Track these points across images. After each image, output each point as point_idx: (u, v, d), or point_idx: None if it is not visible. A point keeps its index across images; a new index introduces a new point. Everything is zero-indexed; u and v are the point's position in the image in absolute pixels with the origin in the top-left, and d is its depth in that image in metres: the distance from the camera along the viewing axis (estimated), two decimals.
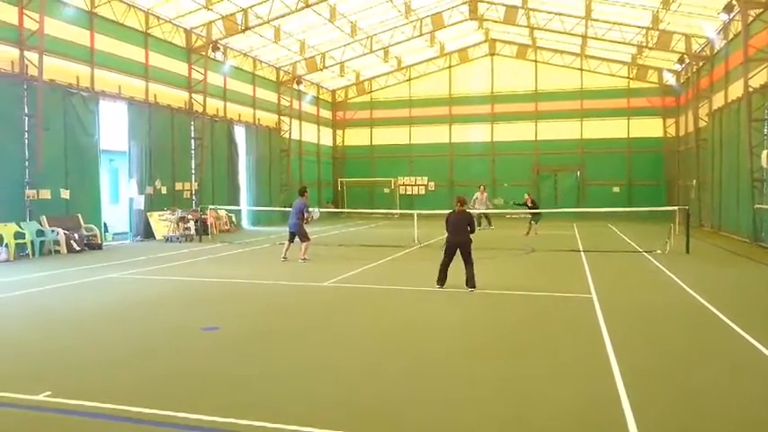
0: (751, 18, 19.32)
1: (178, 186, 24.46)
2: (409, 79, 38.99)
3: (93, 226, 19.09)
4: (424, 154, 38.49)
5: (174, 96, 24.52)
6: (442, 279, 11.20)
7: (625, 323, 8.47)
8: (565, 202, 34.79)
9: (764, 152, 17.59)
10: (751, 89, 18.96)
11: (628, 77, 35.06)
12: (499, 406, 5.32)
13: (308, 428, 4.72)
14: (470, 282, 10.96)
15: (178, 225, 21.50)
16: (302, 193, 16.08)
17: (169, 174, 23.90)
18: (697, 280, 11.96)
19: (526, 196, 24.68)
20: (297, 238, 15.49)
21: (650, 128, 34.95)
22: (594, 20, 27.20)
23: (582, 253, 17.09)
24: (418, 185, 38.80)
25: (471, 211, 26.81)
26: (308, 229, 16.06)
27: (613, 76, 35.09)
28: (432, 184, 38.41)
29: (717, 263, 15.27)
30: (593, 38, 29.85)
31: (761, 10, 19.09)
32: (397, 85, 39.27)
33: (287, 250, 15.63)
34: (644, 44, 28.63)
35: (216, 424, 4.84)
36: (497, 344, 7.53)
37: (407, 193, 38.81)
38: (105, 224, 21.00)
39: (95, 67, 20.33)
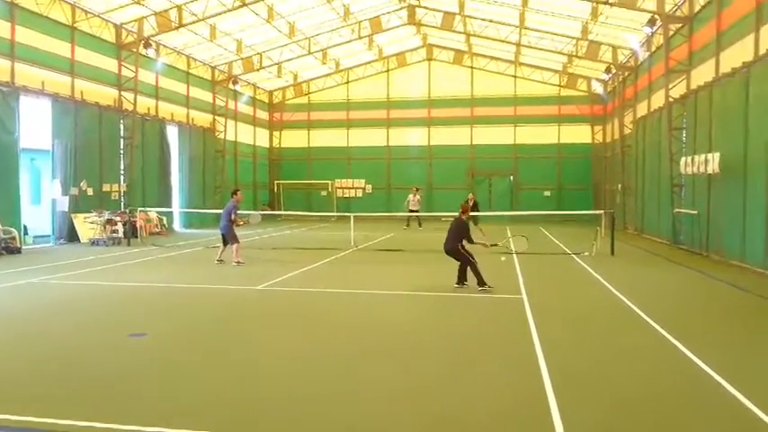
0: (672, 32, 20.40)
1: (106, 187, 23.49)
2: (347, 82, 38.98)
3: (11, 228, 18.04)
4: (362, 157, 38.56)
5: (102, 94, 23.56)
6: (460, 279, 11.58)
7: (553, 323, 8.73)
8: (499, 206, 35.61)
9: (683, 159, 18.57)
10: (671, 99, 20.00)
11: (559, 85, 36.29)
12: (430, 404, 5.36)
13: None
14: (461, 279, 11.50)
15: (105, 228, 20.66)
16: (233, 194, 15.96)
17: (96, 174, 22.91)
18: (621, 280, 12.49)
19: (470, 196, 25.02)
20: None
21: (579, 134, 36.29)
22: (528, 28, 28.02)
23: (514, 255, 17.51)
24: (356, 188, 38.82)
25: (408, 213, 27.64)
26: (243, 231, 15.81)
27: (545, 83, 36.24)
28: (369, 186, 38.50)
29: (639, 264, 16.00)
30: (526, 46, 30.75)
31: (681, 25, 20.19)
32: (336, 87, 39.19)
33: (222, 253, 15.43)
34: (574, 53, 29.73)
35: None
36: (430, 344, 7.60)
37: (345, 195, 38.75)
38: (25, 226, 19.90)
39: (16, 60, 19.27)
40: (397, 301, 10.50)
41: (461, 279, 11.56)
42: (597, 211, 24.22)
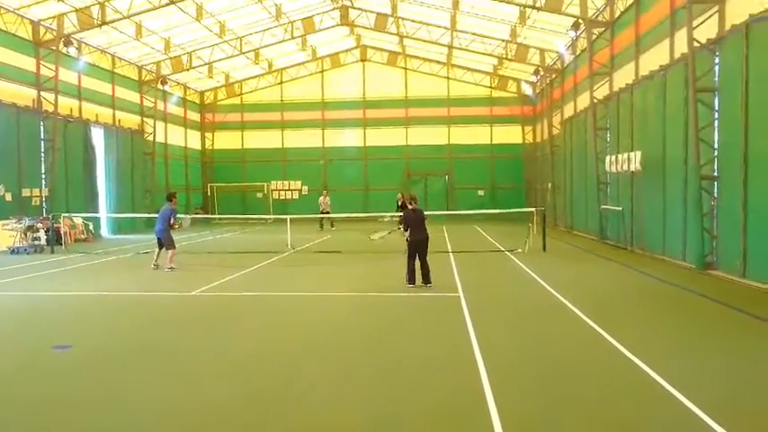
0: (595, 36, 21.27)
1: (26, 192, 22.24)
2: (281, 82, 38.52)
3: None
4: (298, 158, 38.21)
5: (19, 94, 22.31)
6: (414, 277, 11.47)
7: (489, 318, 8.92)
8: (434, 205, 36.04)
9: (608, 158, 19.40)
10: (595, 101, 20.85)
11: (490, 87, 37.14)
12: (368, 403, 5.37)
13: None
14: (429, 277, 11.50)
15: (26, 235, 19.58)
16: (170, 198, 15.57)
17: (15, 178, 21.67)
18: (552, 275, 12.91)
19: (399, 195, 25.20)
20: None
21: (510, 134, 37.25)
22: (459, 31, 28.55)
23: (450, 254, 17.80)
24: (292, 190, 38.42)
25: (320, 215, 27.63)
26: (176, 236, 15.38)
27: (477, 85, 37.01)
28: (305, 188, 38.21)
29: (569, 259, 16.59)
30: (458, 48, 31.32)
31: (603, 29, 21.08)
32: (269, 88, 38.66)
33: (157, 257, 15.03)
34: (504, 56, 30.52)
35: None
36: (367, 343, 7.62)
37: (281, 197, 38.30)
38: None
39: None
40: (334, 303, 10.46)
41: (414, 277, 11.58)
42: (529, 209, 24.91)
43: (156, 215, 15.88)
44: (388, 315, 9.47)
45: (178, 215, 15.77)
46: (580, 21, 21.52)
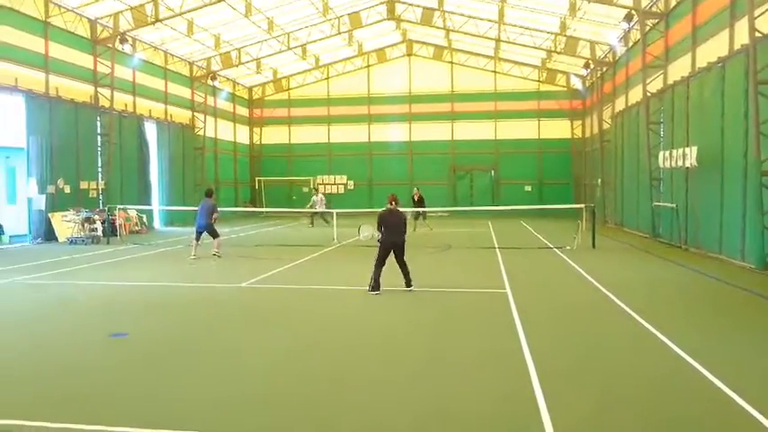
0: (648, 27, 20.62)
1: (83, 185, 23.12)
2: (327, 78, 38.81)
3: None
4: (343, 153, 38.46)
5: (78, 90, 23.17)
6: (378, 284, 10.46)
7: (538, 316, 8.79)
8: (480, 201, 35.82)
9: (661, 153, 18.81)
10: (649, 94, 20.23)
11: (538, 80, 36.52)
12: (418, 400, 5.36)
13: None
14: (410, 280, 10.77)
15: (83, 226, 20.33)
16: (209, 194, 16.62)
17: (73, 172, 22.54)
18: (602, 273, 12.62)
19: (415, 190, 25.25)
20: (205, 235, 16.00)
21: (559, 129, 36.58)
22: (507, 24, 28.14)
23: (497, 250, 17.62)
24: (337, 184, 38.71)
25: (309, 210, 27.48)
26: (225, 228, 16.03)
27: (525, 78, 36.45)
28: (351, 183, 38.43)
29: (619, 257, 16.18)
30: (505, 41, 30.88)
31: (657, 20, 20.42)
32: (316, 83, 39.00)
33: (196, 249, 15.87)
34: (553, 49, 29.93)
35: None
36: (416, 340, 7.60)
37: (326, 192, 38.59)
38: (1, 226, 19.52)
39: None
40: (380, 297, 10.48)
41: (378, 284, 10.56)
42: (578, 206, 24.42)
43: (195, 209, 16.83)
44: (433, 311, 9.43)
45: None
46: (633, 12, 20.92)
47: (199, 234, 15.88)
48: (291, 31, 30.61)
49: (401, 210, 11.29)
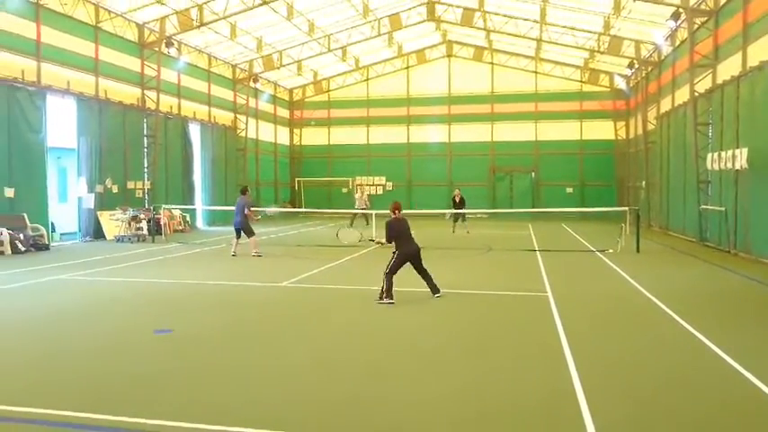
0: (696, 26, 20.05)
1: (130, 185, 23.80)
2: (367, 79, 38.98)
3: (39, 226, 18.36)
4: (382, 154, 38.56)
5: (126, 93, 23.86)
6: (391, 294, 9.83)
7: (580, 319, 8.64)
8: (520, 203, 35.42)
9: (710, 155, 18.26)
10: (696, 94, 19.66)
11: (580, 81, 35.91)
12: (460, 402, 5.34)
13: (262, 431, 4.65)
14: (434, 286, 10.41)
15: (130, 225, 20.92)
16: (243, 191, 17.08)
17: (121, 172, 23.24)
18: (647, 277, 12.32)
19: (456, 192, 24.91)
20: (244, 235, 16.26)
21: (602, 130, 35.90)
22: (549, 24, 27.76)
23: (537, 252, 17.39)
24: (376, 185, 38.83)
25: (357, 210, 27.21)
26: (266, 228, 16.20)
27: (567, 79, 35.89)
28: (389, 183, 38.49)
29: (665, 261, 15.77)
30: (547, 41, 30.47)
31: (706, 18, 19.84)
32: (355, 84, 39.22)
33: (235, 246, 16.32)
34: (596, 49, 29.39)
35: (167, 429, 4.71)
36: (457, 343, 7.56)
37: (365, 192, 38.77)
38: (53, 224, 20.24)
39: (42, 60, 19.59)
40: (421, 299, 10.47)
41: (391, 293, 9.90)
42: (621, 208, 23.88)
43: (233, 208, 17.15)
44: (474, 313, 9.38)
45: (262, 208, 16.98)
46: (681, 10, 20.37)
47: (237, 231, 16.28)
48: (332, 33, 30.87)
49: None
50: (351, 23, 30.05)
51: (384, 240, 10.56)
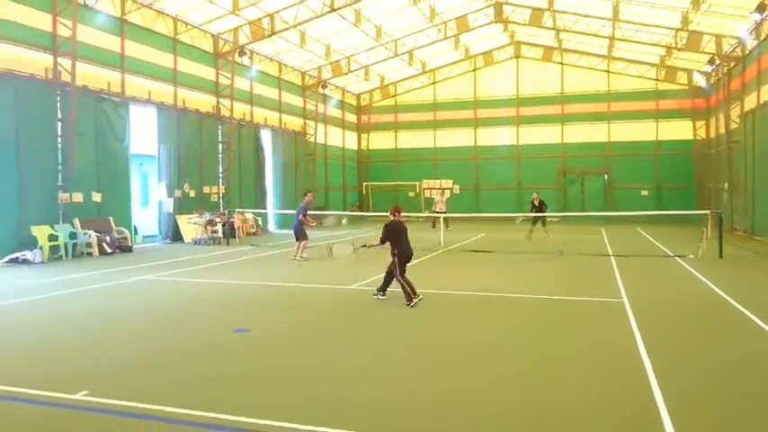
0: None
1: (206, 190, 24.76)
2: (434, 82, 38.93)
3: (123, 229, 19.40)
4: (449, 157, 38.38)
5: (201, 101, 24.85)
6: (414, 291, 10.06)
7: (659, 328, 8.31)
8: (592, 206, 34.39)
9: None
10: None
11: (656, 79, 34.54)
12: (538, 409, 5.25)
13: (339, 431, 4.73)
14: (384, 290, 10.51)
15: (206, 228, 21.75)
16: (305, 195, 17.49)
17: (197, 177, 24.21)
18: (732, 285, 11.70)
19: (534, 195, 23.94)
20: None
21: (679, 130, 34.38)
22: (622, 21, 26.87)
23: (611, 257, 16.85)
24: (443, 189, 38.64)
25: (432, 214, 26.62)
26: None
27: (641, 77, 34.59)
28: (457, 187, 38.25)
29: (752, 267, 14.94)
30: (620, 39, 29.49)
31: None
32: (422, 88, 39.24)
33: (303, 250, 16.69)
34: (673, 45, 28.20)
35: (248, 425, 4.87)
36: (532, 348, 7.43)
37: (433, 196, 38.66)
38: (135, 227, 21.33)
39: (126, 72, 20.70)
40: (493, 303, 10.37)
41: (413, 292, 10.09)
42: (702, 211, 22.74)
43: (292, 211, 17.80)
44: (547, 318, 9.19)
45: (321, 212, 17.22)
46: (766, 2, 19.26)
47: (295, 234, 16.78)
48: (399, 37, 31.03)
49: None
50: (417, 27, 30.10)
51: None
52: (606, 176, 35.71)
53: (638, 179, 34.78)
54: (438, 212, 26.71)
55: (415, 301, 9.92)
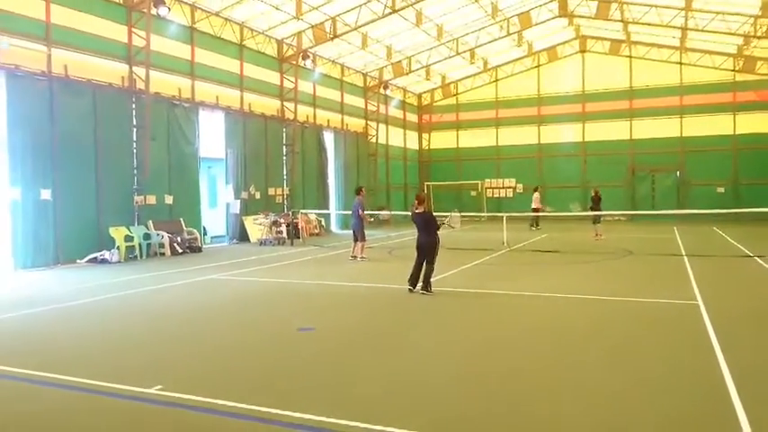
0: None
1: (271, 191, 25.36)
2: (496, 80, 38.41)
3: (193, 230, 20.14)
4: (512, 156, 37.78)
5: (266, 105, 25.46)
6: (414, 279, 11.05)
7: (738, 333, 7.90)
8: (663, 204, 33.07)
9: None
10: None
11: (733, 70, 32.83)
12: (610, 415, 5.10)
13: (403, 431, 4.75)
14: (426, 284, 10.93)
15: (271, 229, 22.27)
16: (358, 192, 17.28)
17: (262, 179, 24.82)
18: None
19: (594, 189, 23.24)
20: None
21: (760, 123, 32.53)
22: (695, 10, 25.70)
23: (684, 257, 16.15)
24: (506, 188, 38.12)
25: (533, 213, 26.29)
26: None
27: (717, 69, 32.97)
28: (520, 186, 37.61)
29: None
30: (693, 29, 28.20)
31: None
32: (484, 86, 38.79)
33: (354, 249, 16.75)
34: (752, 34, 26.71)
35: (316, 423, 4.95)
36: (602, 352, 7.22)
37: (495, 195, 38.23)
38: (204, 228, 22.09)
39: (195, 79, 21.47)
40: (558, 305, 10.13)
41: (415, 281, 11.03)
42: None
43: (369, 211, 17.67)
44: (618, 320, 8.89)
45: (376, 212, 17.16)
46: None
47: (354, 234, 16.75)
48: (460, 36, 30.80)
49: (429, 211, 11.60)
50: (479, 25, 29.78)
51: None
52: (678, 173, 34.23)
53: (714, 175, 33.16)
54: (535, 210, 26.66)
55: (432, 291, 10.83)
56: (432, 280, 11.17)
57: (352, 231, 17.03)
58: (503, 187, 38.19)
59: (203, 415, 5.20)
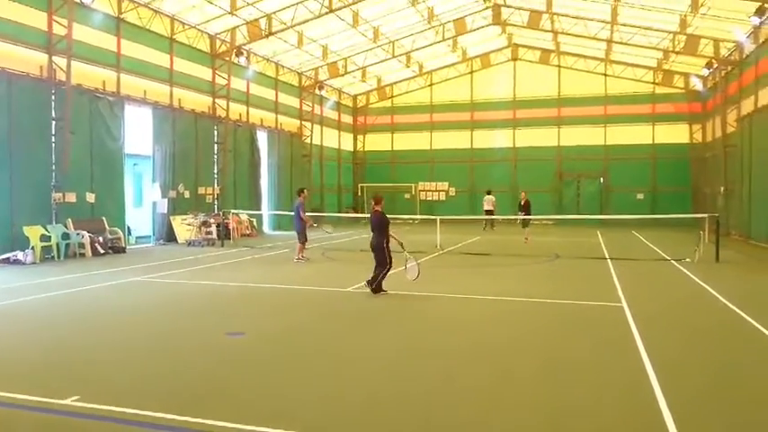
0: None
1: (201, 190, 24.58)
2: (431, 84, 38.86)
3: (117, 229, 19.22)
4: (445, 159, 38.30)
5: (197, 101, 24.69)
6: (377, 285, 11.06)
7: (660, 334, 8.22)
8: (587, 209, 34.37)
9: None
10: None
11: (653, 82, 34.57)
12: (535, 416, 5.14)
13: None
14: (373, 281, 11.07)
15: (200, 229, 21.59)
16: (299, 193, 17.16)
17: (192, 178, 24.03)
18: (730, 289, 11.62)
19: (522, 194, 23.99)
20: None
21: (675, 134, 34.41)
22: (620, 24, 26.86)
23: (608, 260, 16.78)
24: (439, 191, 38.59)
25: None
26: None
27: (638, 81, 34.62)
28: (452, 189, 38.18)
29: (749, 271, 14.90)
30: (618, 42, 29.50)
31: None
32: (419, 90, 39.16)
33: (301, 251, 16.58)
34: (670, 49, 28.22)
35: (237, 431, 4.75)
36: (529, 355, 7.33)
37: (428, 198, 38.63)
38: (129, 227, 21.15)
39: (121, 71, 20.53)
40: (487, 306, 10.26)
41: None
42: (699, 215, 22.73)
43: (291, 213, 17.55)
44: (545, 322, 9.08)
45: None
46: (766, 5, 19.26)
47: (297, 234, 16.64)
48: (396, 39, 30.95)
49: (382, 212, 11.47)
50: (415, 29, 30.03)
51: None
52: (602, 180, 35.70)
53: (634, 182, 34.79)
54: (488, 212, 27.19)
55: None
56: (383, 281, 11.09)
57: (296, 233, 16.82)
58: (436, 190, 38.64)
59: (121, 426, 4.88)
